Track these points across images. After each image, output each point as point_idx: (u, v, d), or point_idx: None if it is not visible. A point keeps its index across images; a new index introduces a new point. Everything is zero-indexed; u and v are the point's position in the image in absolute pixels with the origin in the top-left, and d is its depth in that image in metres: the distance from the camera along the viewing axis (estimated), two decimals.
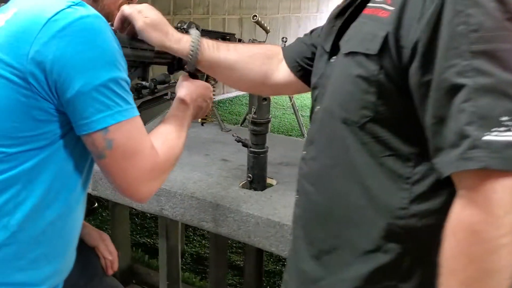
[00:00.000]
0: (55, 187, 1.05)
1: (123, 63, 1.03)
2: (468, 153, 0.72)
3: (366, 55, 0.86)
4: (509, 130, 0.70)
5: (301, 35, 1.38)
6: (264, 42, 1.79)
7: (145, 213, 3.41)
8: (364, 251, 0.90)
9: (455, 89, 0.74)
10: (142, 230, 3.42)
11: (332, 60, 1.00)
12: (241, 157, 2.22)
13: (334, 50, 1.00)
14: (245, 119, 5.52)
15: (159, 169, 1.09)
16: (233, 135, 1.91)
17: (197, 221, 1.82)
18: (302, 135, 5.62)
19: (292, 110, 5.65)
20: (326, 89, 0.99)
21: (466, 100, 0.73)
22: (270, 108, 1.88)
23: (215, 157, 2.25)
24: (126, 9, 1.18)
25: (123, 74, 1.02)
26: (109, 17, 1.16)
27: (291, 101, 5.59)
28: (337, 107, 0.93)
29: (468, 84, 0.73)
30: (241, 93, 8.39)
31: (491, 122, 0.71)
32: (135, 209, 2.52)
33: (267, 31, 1.91)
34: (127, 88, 1.03)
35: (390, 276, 0.89)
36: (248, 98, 1.90)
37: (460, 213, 0.75)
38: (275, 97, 7.41)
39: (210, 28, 7.31)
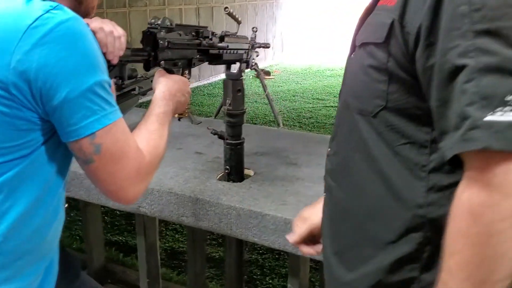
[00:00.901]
0: (39, 194, 1.02)
1: (104, 64, 1.01)
2: (468, 134, 0.71)
3: (376, 44, 0.85)
4: None
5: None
6: (236, 33, 1.77)
7: (115, 210, 3.35)
8: (386, 242, 0.90)
9: (458, 70, 0.72)
10: (113, 228, 3.37)
11: (352, 56, 0.99)
12: (215, 149, 2.21)
13: (354, 45, 0.99)
14: (219, 110, 5.55)
15: (146, 171, 1.08)
16: (208, 128, 1.89)
17: (176, 216, 1.80)
18: (278, 124, 5.66)
19: (267, 99, 5.68)
20: (345, 83, 0.99)
21: (468, 80, 0.71)
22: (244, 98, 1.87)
23: (188, 150, 2.23)
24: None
25: (106, 76, 0.99)
26: (88, 16, 1.13)
27: (265, 92, 5.62)
28: (353, 99, 0.93)
29: (470, 64, 0.71)
30: (201, 83, 8.34)
31: (494, 101, 0.69)
32: (106, 207, 2.47)
33: (238, 22, 1.90)
34: (110, 89, 1.00)
35: (412, 266, 0.88)
36: (209, 88, 1.89)
37: (461, 195, 0.75)
38: (248, 87, 7.42)
39: None
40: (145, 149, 1.08)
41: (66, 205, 2.46)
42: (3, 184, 0.96)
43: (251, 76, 7.72)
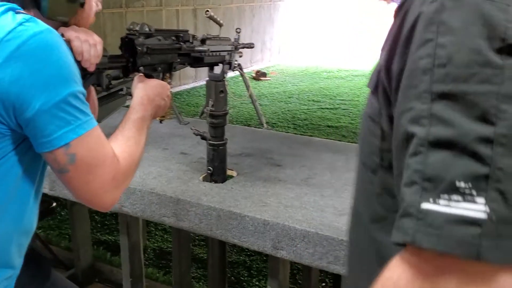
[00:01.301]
0: (2, 204, 1.03)
1: (78, 75, 1.02)
2: (399, 221, 0.57)
3: (372, 92, 0.75)
4: (464, 200, 0.53)
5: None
6: (218, 35, 1.78)
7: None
8: None
9: (408, 138, 0.59)
10: (103, 227, 3.37)
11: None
12: (201, 150, 2.22)
13: None
14: (203, 112, 5.52)
15: (121, 177, 1.09)
16: (191, 128, 1.90)
17: (158, 216, 1.81)
18: (261, 124, 5.66)
19: (250, 100, 5.67)
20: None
21: (414, 153, 0.57)
22: (228, 99, 1.88)
23: (174, 151, 2.24)
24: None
25: (80, 86, 1.01)
26: None
27: (248, 92, 5.60)
28: (359, 146, 0.82)
29: (418, 134, 0.57)
30: (198, 84, 8.35)
31: (440, 186, 0.54)
32: None
33: (220, 25, 1.91)
34: (84, 99, 1.02)
35: None
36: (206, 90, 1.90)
37: (393, 268, 0.61)
38: (232, 87, 7.41)
39: (164, 20, 7.23)
40: (121, 156, 1.09)
41: (54, 204, 2.46)
42: None
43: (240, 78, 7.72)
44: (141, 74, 1.37)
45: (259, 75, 8.88)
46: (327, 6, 14.41)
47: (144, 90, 1.31)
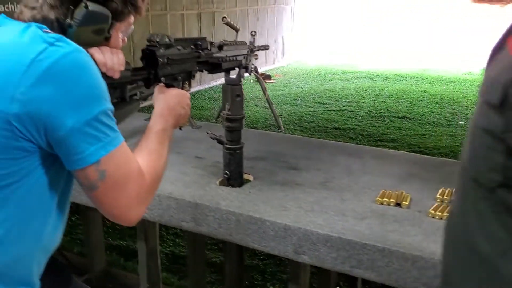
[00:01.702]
0: (24, 219, 1.03)
1: (107, 92, 1.02)
2: None
3: (490, 105, 0.70)
4: None
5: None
6: (234, 40, 1.77)
7: None
8: None
9: None
10: (114, 232, 3.36)
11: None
12: (215, 153, 2.20)
13: None
14: (219, 115, 5.55)
15: (147, 192, 1.10)
16: (207, 132, 1.88)
17: (176, 221, 1.79)
18: (279, 127, 5.67)
19: (267, 103, 5.70)
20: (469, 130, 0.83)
21: None
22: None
23: (188, 155, 2.22)
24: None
25: (109, 103, 1.01)
26: None
27: (265, 96, 5.62)
28: (469, 160, 0.78)
29: None
30: (202, 87, 8.34)
31: None
32: None
33: (237, 30, 1.90)
34: (112, 115, 1.02)
35: None
36: (210, 93, 1.89)
37: None
38: (248, 91, 7.41)
39: (169, 25, 7.24)
40: (146, 171, 1.10)
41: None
42: None
43: (251, 80, 7.72)
44: (162, 84, 1.37)
45: (264, 77, 8.87)
46: (329, 9, 14.41)
47: (164, 101, 1.31)
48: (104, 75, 1.11)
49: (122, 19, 1.16)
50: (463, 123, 6.52)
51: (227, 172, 1.87)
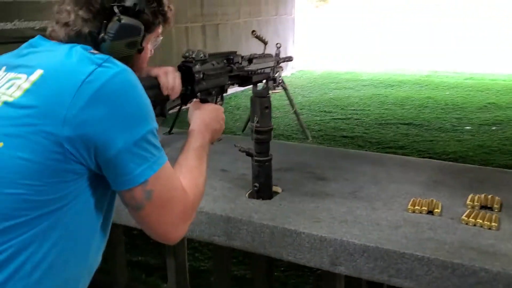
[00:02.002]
0: (71, 241, 1.02)
1: (152, 110, 1.03)
2: None
3: None
4: None
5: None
6: (263, 53, 1.78)
7: (133, 230, 3.33)
8: None
9: None
10: (133, 248, 3.35)
11: None
12: (240, 165, 2.20)
13: None
14: (245, 127, 5.66)
15: (190, 210, 1.11)
16: (235, 145, 1.88)
17: (207, 236, 1.78)
18: (306, 137, 5.74)
19: (295, 115, 5.87)
20: None
21: None
22: None
23: (214, 168, 2.22)
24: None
25: (155, 122, 1.02)
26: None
27: (293, 108, 5.81)
28: None
29: None
30: None
31: None
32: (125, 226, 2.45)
33: (265, 43, 1.91)
34: (157, 134, 1.03)
35: None
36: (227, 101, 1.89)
37: None
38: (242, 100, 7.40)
39: (173, 38, 7.25)
40: (189, 189, 1.10)
41: None
42: (37, 234, 0.96)
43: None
44: (196, 99, 1.38)
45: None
46: (330, 20, 14.48)
47: (201, 117, 1.32)
48: (159, 92, 1.13)
49: (153, 30, 1.17)
50: (469, 128, 6.53)
51: (257, 185, 1.86)
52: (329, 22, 15.14)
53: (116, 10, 1.04)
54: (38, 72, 0.96)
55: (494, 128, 6.37)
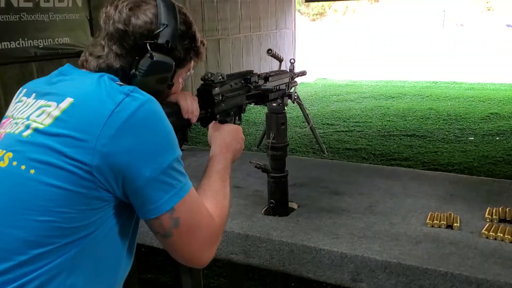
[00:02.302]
0: (99, 267, 1.03)
1: (176, 138, 1.03)
2: None
3: None
4: None
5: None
6: (278, 70, 1.78)
7: (140, 247, 3.31)
8: None
9: None
10: (144, 266, 3.32)
11: None
12: (253, 182, 2.19)
13: None
14: (260, 142, 5.69)
15: (217, 234, 1.10)
16: (250, 162, 1.86)
17: (225, 254, 1.77)
18: (322, 152, 5.75)
19: (311, 131, 5.91)
20: None
21: None
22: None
23: None
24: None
25: (179, 150, 1.03)
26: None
27: (309, 125, 5.84)
28: None
29: None
30: None
31: None
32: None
33: (280, 61, 1.91)
34: (181, 161, 1.04)
35: None
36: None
37: None
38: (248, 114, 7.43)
39: None
40: (215, 213, 1.10)
41: None
42: (67, 261, 0.96)
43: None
44: (215, 121, 1.38)
45: None
46: (328, 33, 14.55)
47: (221, 138, 1.32)
48: (181, 117, 1.13)
49: (184, 66, 1.18)
50: (472, 138, 6.53)
51: (273, 201, 1.85)
52: (325, 35, 15.21)
53: (148, 47, 1.04)
54: (68, 100, 0.97)
55: (498, 138, 6.37)
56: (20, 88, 1.12)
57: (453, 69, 13.14)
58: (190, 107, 1.20)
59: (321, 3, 24.77)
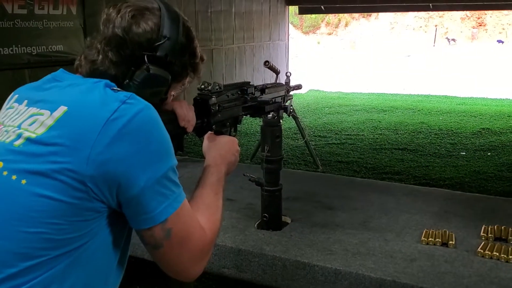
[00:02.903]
0: (90, 279, 0.99)
1: (172, 147, 1.00)
2: None
3: None
4: None
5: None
6: (274, 82, 1.76)
7: (130, 258, 3.26)
8: None
9: None
10: (132, 277, 3.27)
11: None
12: (246, 194, 2.17)
13: None
14: (254, 155, 5.63)
15: (208, 248, 1.06)
16: (244, 175, 1.84)
17: (216, 268, 1.74)
18: (317, 166, 5.70)
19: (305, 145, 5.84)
20: None
21: None
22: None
23: None
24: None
25: (175, 159, 0.99)
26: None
27: (304, 138, 5.76)
28: None
29: None
30: None
31: None
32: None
33: (277, 73, 1.89)
34: (176, 170, 0.99)
35: None
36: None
37: None
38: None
39: None
40: (206, 227, 1.06)
41: None
42: (56, 276, 0.92)
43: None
44: (211, 132, 1.35)
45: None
46: (320, 46, 14.63)
47: (216, 150, 1.28)
48: (177, 125, 1.10)
49: (180, 80, 1.14)
50: (464, 153, 6.54)
51: (266, 215, 1.83)
52: (318, 47, 15.28)
53: (146, 59, 1.01)
54: (62, 109, 0.93)
55: (489, 153, 6.38)
56: (12, 93, 1.09)
57: (444, 84, 13.23)
58: (187, 115, 1.17)
59: (314, 15, 24.93)
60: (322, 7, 11.04)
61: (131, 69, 1.02)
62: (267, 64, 1.83)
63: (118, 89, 0.98)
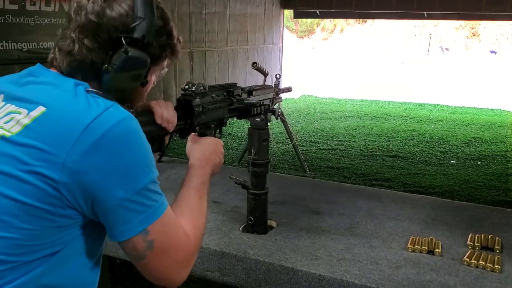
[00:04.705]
0: (67, 283, 0.97)
1: (153, 157, 0.98)
2: None
3: None
4: None
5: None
6: (262, 85, 1.74)
7: (115, 259, 3.23)
8: None
9: None
10: (118, 277, 3.24)
11: None
12: (232, 197, 2.15)
13: None
14: (241, 157, 5.59)
15: (192, 254, 1.05)
16: (230, 177, 1.82)
17: (200, 271, 1.71)
18: (304, 170, 5.67)
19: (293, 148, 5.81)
20: None
21: None
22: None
23: None
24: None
25: (156, 170, 0.97)
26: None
27: (292, 142, 5.73)
28: None
29: None
30: None
31: None
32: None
33: (265, 75, 1.87)
34: (157, 180, 0.97)
35: None
36: None
37: None
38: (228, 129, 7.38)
39: None
40: (191, 233, 1.04)
41: None
42: (29, 282, 0.90)
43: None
44: (194, 133, 1.32)
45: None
46: (315, 50, 14.65)
47: (200, 151, 1.26)
48: (157, 126, 1.08)
49: (159, 63, 1.11)
50: (454, 162, 6.55)
51: (252, 219, 1.80)
52: (313, 52, 15.30)
53: (123, 41, 0.98)
54: (40, 109, 0.90)
55: (479, 163, 6.40)
56: None
57: (437, 92, 13.27)
58: (165, 113, 1.14)
59: (309, 20, 24.96)
60: (318, 11, 11.04)
61: (109, 53, 0.98)
62: (255, 65, 1.81)
63: (100, 94, 0.95)
